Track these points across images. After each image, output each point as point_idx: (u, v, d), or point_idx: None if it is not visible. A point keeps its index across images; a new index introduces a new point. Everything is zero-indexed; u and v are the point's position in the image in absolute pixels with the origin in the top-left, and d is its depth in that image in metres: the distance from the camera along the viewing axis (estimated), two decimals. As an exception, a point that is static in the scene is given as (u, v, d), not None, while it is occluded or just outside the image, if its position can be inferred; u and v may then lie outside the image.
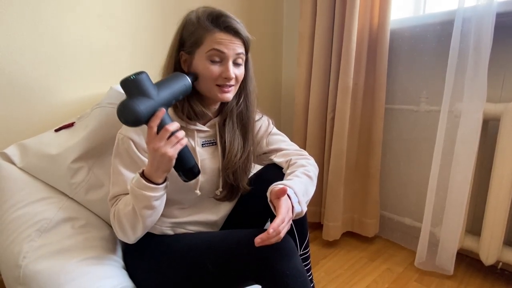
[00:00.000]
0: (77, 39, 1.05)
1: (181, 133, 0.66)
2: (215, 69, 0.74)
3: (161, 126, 0.63)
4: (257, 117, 0.92)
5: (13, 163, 0.91)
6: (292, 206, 0.69)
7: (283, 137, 0.94)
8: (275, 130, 0.95)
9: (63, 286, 0.69)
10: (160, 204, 0.71)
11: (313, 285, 0.92)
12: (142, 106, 0.60)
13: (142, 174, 0.68)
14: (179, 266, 0.73)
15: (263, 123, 0.93)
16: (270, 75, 1.74)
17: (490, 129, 1.13)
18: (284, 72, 1.79)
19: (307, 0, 1.37)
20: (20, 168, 0.90)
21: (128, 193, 0.73)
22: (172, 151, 0.64)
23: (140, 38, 1.20)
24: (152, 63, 1.23)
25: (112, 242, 0.88)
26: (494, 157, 1.08)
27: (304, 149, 1.11)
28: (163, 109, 0.64)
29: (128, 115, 0.60)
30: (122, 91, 0.93)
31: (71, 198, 0.91)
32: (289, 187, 0.71)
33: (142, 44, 1.21)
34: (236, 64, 0.77)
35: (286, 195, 0.68)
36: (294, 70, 1.69)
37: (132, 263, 0.82)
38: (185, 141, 0.66)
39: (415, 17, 1.34)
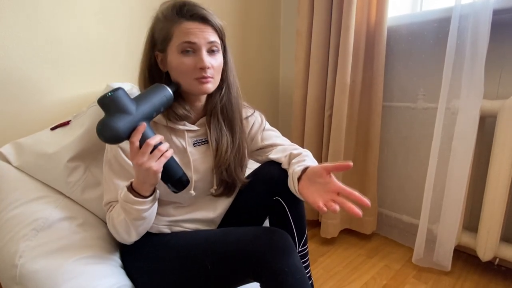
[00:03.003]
0: (73, 36, 1.04)
1: (165, 146, 0.64)
2: (189, 61, 0.72)
3: (143, 141, 0.62)
4: (249, 113, 0.91)
5: (8, 162, 0.90)
6: None
7: (277, 132, 0.94)
8: (268, 125, 0.94)
9: (60, 286, 0.68)
10: (150, 214, 0.71)
11: (312, 282, 0.92)
12: (121, 123, 0.59)
13: (131, 188, 0.68)
14: (176, 264, 0.73)
15: (256, 119, 0.92)
16: (268, 72, 1.74)
17: (487, 126, 1.14)
18: (282, 70, 1.79)
19: (304, -3, 1.37)
20: (15, 167, 0.90)
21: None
22: (156, 165, 0.63)
23: (136, 36, 1.19)
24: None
25: (109, 241, 0.87)
26: (491, 154, 1.08)
27: (302, 146, 1.11)
28: (144, 123, 0.62)
29: (107, 133, 0.59)
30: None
31: (68, 197, 0.90)
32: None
33: (138, 42, 1.19)
34: (211, 52, 0.74)
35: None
36: (292, 68, 1.69)
37: (130, 262, 0.81)
38: (169, 153, 0.65)
39: (412, 14, 1.34)
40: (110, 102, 0.60)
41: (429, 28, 1.24)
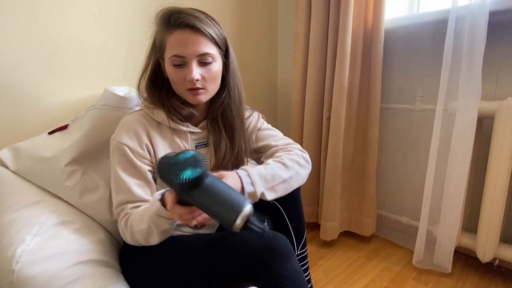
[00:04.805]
0: (71, 39, 1.04)
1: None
2: (180, 73, 0.72)
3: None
4: (247, 114, 0.90)
5: (6, 166, 0.89)
6: (243, 187, 0.68)
7: (274, 132, 0.92)
8: (265, 125, 0.92)
9: (57, 291, 0.68)
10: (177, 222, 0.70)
11: (311, 285, 0.92)
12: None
13: (162, 200, 0.65)
14: (174, 268, 0.72)
15: (253, 119, 0.92)
16: (266, 75, 1.74)
17: (484, 126, 1.14)
18: (280, 72, 1.79)
19: (301, 0, 1.37)
20: (13, 172, 0.89)
21: (135, 200, 0.73)
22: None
23: (135, 39, 1.19)
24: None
25: (108, 245, 0.87)
26: (489, 155, 1.08)
27: (301, 149, 1.11)
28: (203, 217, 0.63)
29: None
30: (117, 93, 0.93)
31: (66, 201, 0.90)
32: (242, 169, 0.71)
33: (137, 45, 1.20)
34: (203, 64, 0.73)
35: (235, 173, 0.68)
36: (290, 70, 1.69)
37: (128, 267, 0.81)
38: None
39: (409, 16, 1.34)
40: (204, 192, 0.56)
41: (426, 29, 1.24)
